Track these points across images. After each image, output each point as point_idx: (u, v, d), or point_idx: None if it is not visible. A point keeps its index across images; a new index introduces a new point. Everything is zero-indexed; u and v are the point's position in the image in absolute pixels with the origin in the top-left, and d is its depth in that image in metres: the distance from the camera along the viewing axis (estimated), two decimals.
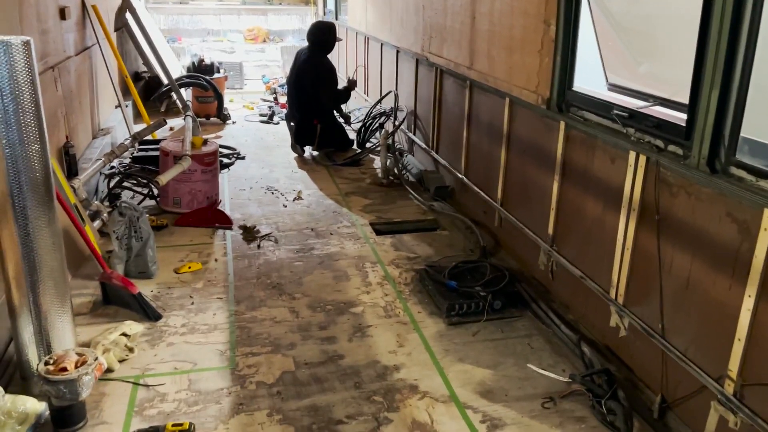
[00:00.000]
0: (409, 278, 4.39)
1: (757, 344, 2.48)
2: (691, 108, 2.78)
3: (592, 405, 3.01)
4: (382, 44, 8.54)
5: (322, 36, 7.54)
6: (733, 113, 2.60)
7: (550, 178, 4.03)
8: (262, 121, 9.55)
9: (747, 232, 2.49)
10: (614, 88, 3.91)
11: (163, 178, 5.13)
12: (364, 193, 6.24)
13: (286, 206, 5.85)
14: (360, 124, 8.05)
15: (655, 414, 3.01)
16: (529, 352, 3.53)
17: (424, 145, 6.79)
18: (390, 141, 6.82)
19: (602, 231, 3.51)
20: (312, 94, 7.37)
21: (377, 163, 7.14)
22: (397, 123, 7.25)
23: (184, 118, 7.14)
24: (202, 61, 10.78)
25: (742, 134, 2.66)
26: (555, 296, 4.10)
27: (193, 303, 4.00)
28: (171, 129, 8.25)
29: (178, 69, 10.43)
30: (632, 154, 3.17)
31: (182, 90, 9.15)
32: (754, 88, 2.54)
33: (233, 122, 9.43)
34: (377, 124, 7.78)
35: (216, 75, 10.28)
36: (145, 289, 4.00)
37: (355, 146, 7.81)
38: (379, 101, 7.98)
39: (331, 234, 5.18)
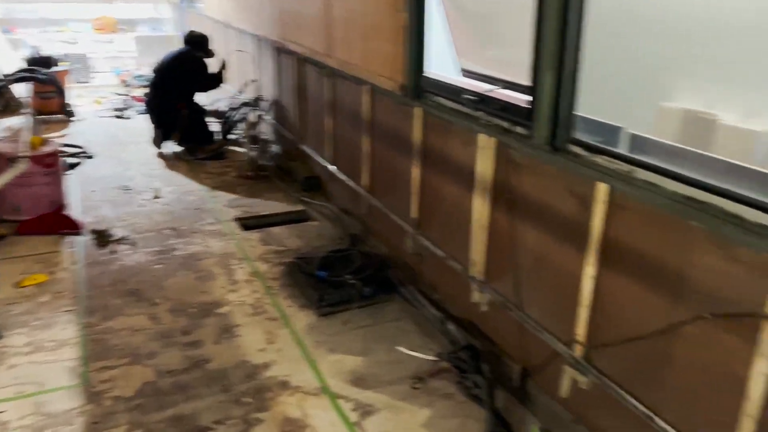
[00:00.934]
0: (279, 272, 4.29)
1: (599, 309, 2.67)
2: (532, 90, 2.92)
3: (458, 381, 3.11)
4: (241, 33, 8.27)
5: (198, 37, 7.48)
6: (568, 93, 2.75)
7: (412, 164, 4.09)
8: (116, 116, 8.92)
9: (585, 205, 2.66)
10: (467, 73, 4.04)
11: None
12: (230, 188, 6.03)
13: (143, 206, 5.50)
14: (223, 116, 7.75)
15: (516, 383, 3.17)
16: (399, 335, 3.58)
17: (290, 135, 6.66)
18: (255, 132, 6.63)
19: (461, 212, 3.62)
20: (181, 78, 7.09)
21: (243, 155, 6.91)
22: (260, 113, 7.06)
23: (23, 116, 6.49)
24: (40, 53, 9.82)
25: (579, 113, 2.84)
26: (423, 278, 4.18)
27: (38, 319, 3.64)
28: (9, 128, 7.46)
29: (15, 62, 9.44)
30: (482, 137, 3.29)
31: (19, 85, 8.29)
32: (586, 69, 2.72)
33: (81, 119, 8.71)
34: (240, 116, 7.52)
35: (56, 68, 9.39)
36: None
37: (219, 139, 7.51)
38: (242, 91, 7.73)
39: (194, 233, 4.94)
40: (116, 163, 6.72)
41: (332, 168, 5.53)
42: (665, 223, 2.30)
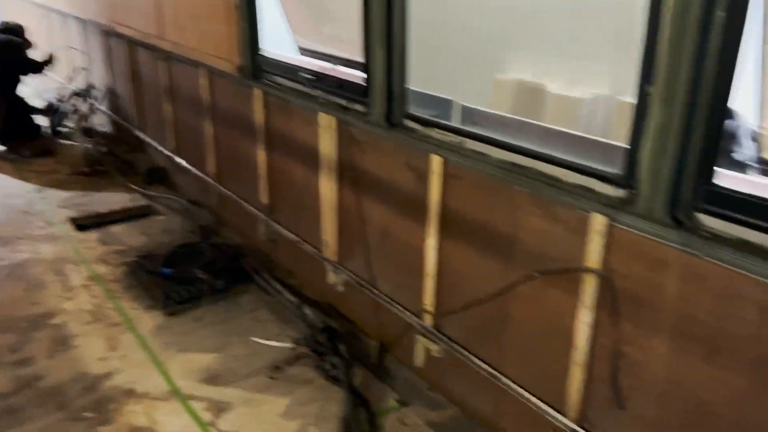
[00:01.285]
0: (121, 274, 3.98)
1: (444, 278, 2.74)
2: (366, 66, 2.90)
3: (316, 365, 3.07)
4: (65, 17, 7.52)
5: (14, 27, 6.87)
6: (399, 69, 2.76)
7: (257, 148, 3.95)
8: None
9: (423, 178, 2.70)
10: (306, 51, 3.95)
11: None
12: (63, 186, 5.50)
13: None
14: (51, 108, 7.03)
15: (374, 359, 3.19)
16: (255, 326, 3.47)
17: (128, 125, 6.20)
18: (87, 124, 6.09)
19: (310, 194, 3.55)
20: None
21: (77, 150, 6.33)
22: (93, 103, 6.50)
23: None
24: None
25: (418, 89, 2.87)
26: (279, 264, 4.09)
27: None
28: None
29: None
30: (322, 116, 3.24)
31: None
32: (422, 44, 2.75)
33: None
34: (71, 107, 6.88)
35: None
36: None
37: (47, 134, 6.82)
38: (71, 80, 7.06)
39: (21, 239, 4.45)
40: None
41: (176, 157, 5.22)
42: (494, 189, 2.39)
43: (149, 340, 3.31)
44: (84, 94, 6.75)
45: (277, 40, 3.91)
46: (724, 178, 1.93)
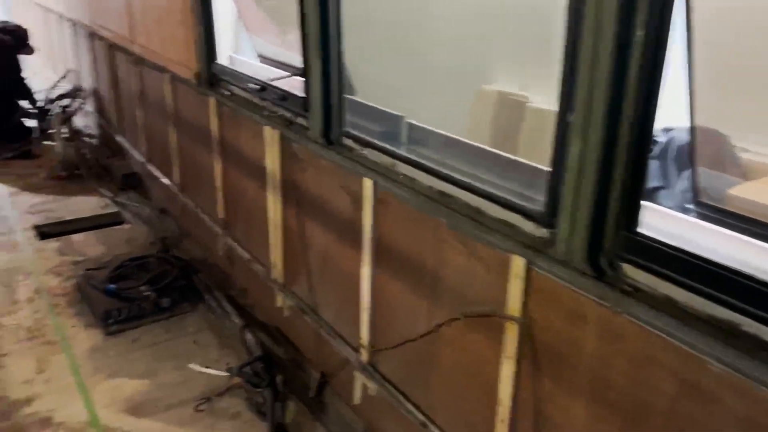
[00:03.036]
0: (70, 287, 3.82)
1: (378, 311, 2.51)
2: (305, 76, 2.68)
3: (247, 397, 2.85)
4: (61, 18, 7.46)
5: (12, 28, 6.81)
6: (336, 81, 2.54)
7: (214, 159, 3.76)
8: None
9: (357, 201, 2.47)
10: (267, 60, 3.76)
11: None
12: (36, 190, 5.38)
13: None
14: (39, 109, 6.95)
15: (313, 392, 2.96)
16: (193, 350, 3.27)
17: (109, 129, 6.07)
18: (69, 126, 5.98)
19: (260, 211, 3.34)
20: None
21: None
22: (80, 105, 6.40)
23: None
24: None
25: (362, 101, 2.65)
26: (234, 282, 3.89)
27: None
28: None
29: None
30: (267, 129, 3.03)
31: None
32: (352, 53, 2.53)
33: None
34: (58, 109, 6.78)
35: None
36: None
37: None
38: (59, 81, 6.98)
39: None
40: None
41: (148, 164, 5.07)
42: (421, 219, 2.15)
43: (81, 362, 3.13)
44: (72, 95, 6.64)
45: (237, 46, 3.71)
46: (656, 216, 1.68)
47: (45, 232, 4.59)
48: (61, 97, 6.78)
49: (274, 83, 3.09)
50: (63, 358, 3.16)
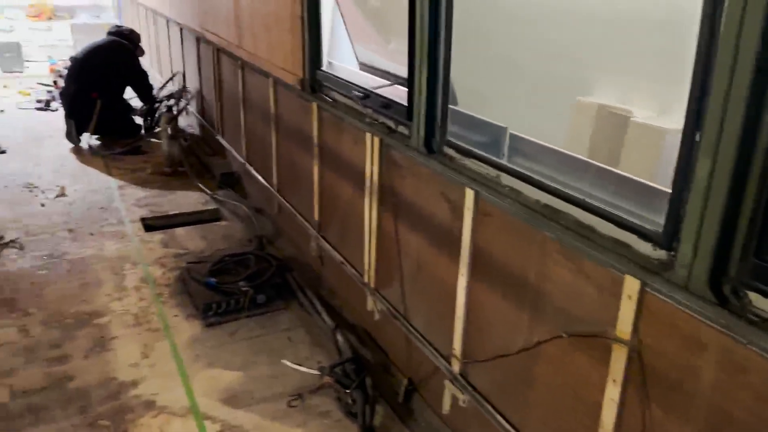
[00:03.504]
0: (173, 278, 4.03)
1: (473, 322, 2.50)
2: (409, 86, 2.71)
3: (337, 397, 2.91)
4: (168, 21, 7.91)
5: (127, 32, 7.34)
6: (442, 90, 2.56)
7: (313, 163, 3.87)
8: (39, 108, 8.49)
9: (457, 211, 2.47)
10: (365, 67, 3.83)
11: None
12: (143, 184, 5.72)
13: (44, 205, 5.17)
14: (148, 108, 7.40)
15: (401, 398, 2.98)
16: (287, 346, 3.37)
17: (211, 129, 6.38)
18: (174, 125, 6.32)
19: (356, 215, 3.41)
20: (102, 65, 6.80)
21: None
22: (185, 105, 6.75)
23: None
24: None
25: (464, 110, 2.66)
26: (325, 283, 3.98)
27: None
28: None
29: None
30: (368, 136, 3.09)
31: None
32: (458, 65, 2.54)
33: (1, 110, 8.28)
34: (165, 107, 7.19)
35: None
36: None
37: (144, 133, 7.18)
38: (167, 82, 7.40)
39: (91, 234, 4.64)
40: (27, 158, 6.35)
41: (247, 164, 5.28)
42: (525, 232, 2.13)
43: (182, 350, 3.30)
44: (178, 96, 7.03)
45: (342, 54, 3.81)
46: None
47: (150, 224, 4.88)
48: (168, 97, 7.19)
49: (377, 91, 3.15)
50: (166, 345, 3.34)
